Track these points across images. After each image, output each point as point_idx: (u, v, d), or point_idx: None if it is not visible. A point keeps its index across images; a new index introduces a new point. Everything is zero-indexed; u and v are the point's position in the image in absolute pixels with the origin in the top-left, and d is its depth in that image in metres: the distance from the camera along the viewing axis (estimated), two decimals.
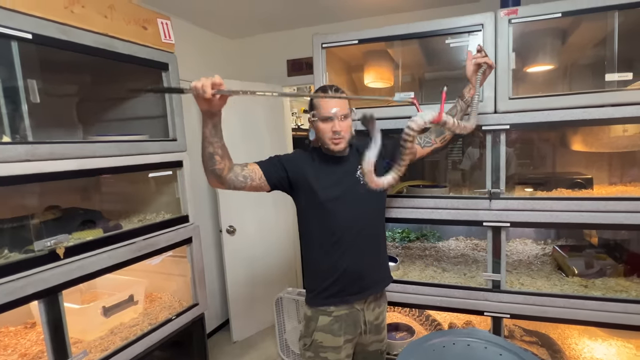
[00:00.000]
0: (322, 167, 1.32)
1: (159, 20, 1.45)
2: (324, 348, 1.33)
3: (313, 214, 1.32)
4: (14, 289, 1.03)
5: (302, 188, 1.31)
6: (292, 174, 1.30)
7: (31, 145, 1.07)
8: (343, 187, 1.30)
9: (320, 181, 1.30)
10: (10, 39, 1.03)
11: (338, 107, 1.24)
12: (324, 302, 1.33)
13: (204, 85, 0.96)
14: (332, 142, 1.27)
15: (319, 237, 1.32)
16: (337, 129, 1.24)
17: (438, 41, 1.78)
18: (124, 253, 1.34)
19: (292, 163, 1.31)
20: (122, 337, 1.41)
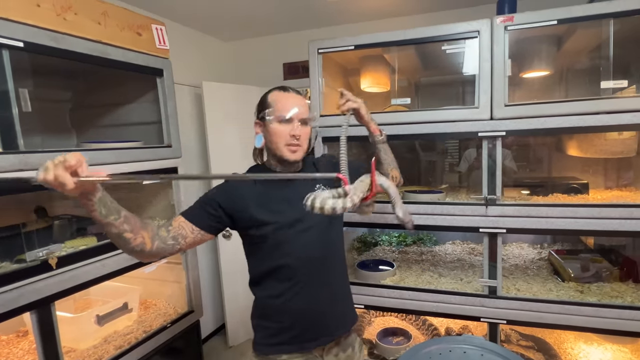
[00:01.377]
0: (268, 188, 1.08)
1: (153, 26, 1.44)
2: None
3: (260, 246, 1.08)
4: (6, 301, 1.02)
5: (243, 219, 1.06)
6: (228, 208, 1.04)
7: (23, 154, 1.06)
8: (297, 210, 1.00)
9: (266, 206, 1.06)
10: (1, 48, 1.02)
11: (299, 108, 1.05)
12: (274, 349, 1.10)
13: (57, 178, 0.68)
14: (289, 148, 1.05)
15: (268, 272, 1.08)
16: (297, 132, 1.03)
17: (434, 47, 1.79)
18: (118, 261, 1.33)
19: (226, 194, 1.06)
20: (116, 345, 1.40)
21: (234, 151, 2.66)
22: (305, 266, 1.07)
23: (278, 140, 1.05)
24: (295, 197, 1.00)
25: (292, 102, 1.06)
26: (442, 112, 1.67)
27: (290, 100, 1.06)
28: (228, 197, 1.05)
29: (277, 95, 1.08)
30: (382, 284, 1.85)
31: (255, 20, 2.62)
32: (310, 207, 0.79)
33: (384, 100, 2.22)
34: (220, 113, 2.53)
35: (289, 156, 1.06)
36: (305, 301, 1.08)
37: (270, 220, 1.05)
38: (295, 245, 1.06)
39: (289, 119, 1.04)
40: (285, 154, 1.06)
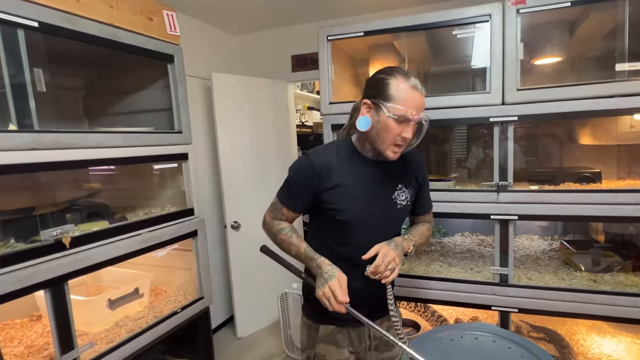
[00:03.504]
0: (357, 174, 1.04)
1: (164, 11, 1.45)
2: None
3: (332, 226, 1.07)
4: (21, 278, 1.03)
5: (331, 200, 1.03)
6: (322, 189, 1.03)
7: (37, 133, 1.07)
8: (378, 208, 1.04)
9: (352, 194, 1.03)
10: (16, 27, 1.03)
11: (420, 110, 0.96)
12: (326, 321, 1.13)
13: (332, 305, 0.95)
14: (393, 149, 0.99)
15: (330, 252, 1.05)
16: (409, 135, 0.97)
17: (445, 33, 1.77)
18: (130, 244, 1.34)
19: (319, 176, 1.03)
20: (128, 329, 1.40)
21: (243, 143, 2.66)
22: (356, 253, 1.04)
23: (387, 137, 0.98)
24: (379, 187, 1.06)
25: (419, 103, 0.96)
26: (453, 98, 1.65)
27: (417, 101, 0.96)
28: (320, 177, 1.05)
29: (405, 89, 0.95)
30: None
31: (263, 12, 2.62)
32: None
33: None
34: (229, 105, 2.54)
35: (390, 156, 1.00)
36: (360, 287, 1.04)
37: (350, 205, 1.04)
38: (364, 236, 1.05)
39: (407, 120, 0.95)
40: (387, 153, 1.00)
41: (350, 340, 1.14)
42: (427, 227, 1.21)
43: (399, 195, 1.08)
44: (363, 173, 1.05)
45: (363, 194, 1.04)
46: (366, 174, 1.05)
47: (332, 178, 1.02)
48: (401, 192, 1.09)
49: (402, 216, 1.13)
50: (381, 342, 1.18)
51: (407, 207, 1.12)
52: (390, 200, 1.07)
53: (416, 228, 1.19)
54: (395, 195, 1.08)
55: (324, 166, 1.02)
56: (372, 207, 1.04)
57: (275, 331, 2.72)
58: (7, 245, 1.07)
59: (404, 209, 1.11)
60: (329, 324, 1.12)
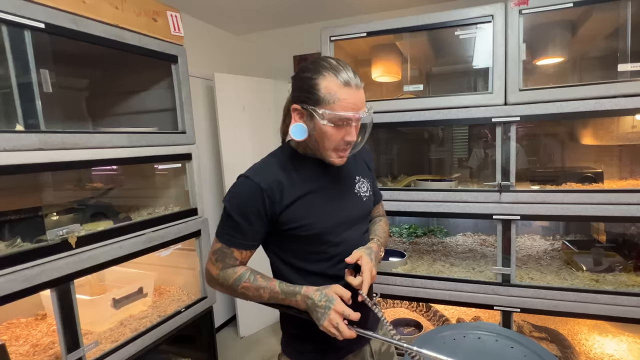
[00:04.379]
0: (313, 180, 0.92)
1: (168, 12, 1.45)
2: None
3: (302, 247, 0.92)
4: (28, 277, 1.04)
5: (293, 218, 0.88)
6: (279, 210, 0.87)
7: (43, 134, 1.07)
8: (344, 208, 0.94)
9: (314, 203, 0.90)
10: (23, 28, 1.03)
11: (361, 109, 0.83)
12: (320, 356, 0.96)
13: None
14: (338, 154, 0.87)
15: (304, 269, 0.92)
16: (353, 138, 0.85)
17: (447, 33, 1.78)
18: (134, 244, 1.35)
19: (271, 198, 0.86)
20: (132, 328, 1.41)
21: (245, 142, 2.67)
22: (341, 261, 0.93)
23: (327, 144, 0.85)
24: (338, 189, 0.95)
25: (355, 101, 0.82)
26: (455, 98, 1.66)
27: (354, 99, 0.82)
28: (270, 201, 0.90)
29: (337, 89, 0.81)
30: (393, 272, 1.85)
31: (265, 13, 2.63)
32: None
33: (394, 90, 2.22)
34: (231, 105, 2.54)
35: (336, 162, 0.88)
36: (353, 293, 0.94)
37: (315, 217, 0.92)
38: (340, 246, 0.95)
39: (349, 122, 0.83)
40: (331, 158, 0.88)
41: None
42: (386, 222, 1.12)
43: (361, 187, 0.99)
44: (317, 176, 0.92)
45: (327, 198, 0.91)
46: (321, 176, 0.92)
47: (287, 194, 0.87)
48: (362, 184, 1.00)
49: (369, 209, 1.03)
50: (381, 356, 1.07)
51: (371, 198, 1.03)
52: (354, 195, 0.97)
53: (377, 227, 1.06)
54: (357, 189, 0.98)
55: (272, 184, 0.86)
56: (340, 209, 0.92)
57: (277, 331, 2.73)
58: (14, 244, 1.07)
59: (369, 201, 1.01)
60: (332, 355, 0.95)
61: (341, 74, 0.82)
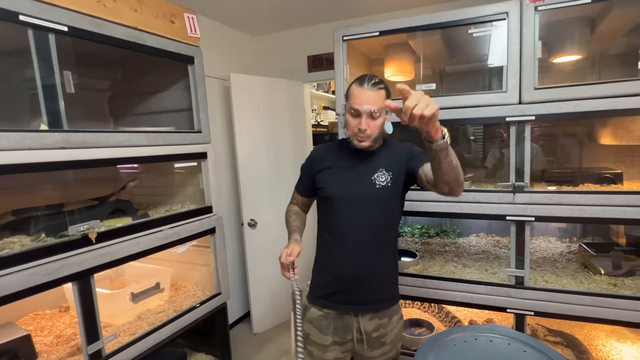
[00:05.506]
0: (343, 160, 1.25)
1: (185, 14, 1.49)
2: (310, 341, 1.26)
3: (323, 205, 1.28)
4: (51, 271, 1.08)
5: (320, 180, 1.27)
6: (315, 172, 1.28)
7: (66, 133, 1.12)
8: (355, 186, 1.21)
9: (335, 175, 1.24)
10: (47, 31, 1.08)
11: (370, 104, 1.13)
12: (315, 301, 1.27)
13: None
14: (357, 138, 1.18)
15: (323, 230, 1.27)
16: (363, 127, 1.14)
17: (460, 31, 1.76)
18: (151, 240, 1.39)
19: (314, 162, 1.30)
20: (149, 322, 1.45)
21: (260, 142, 2.70)
22: (351, 237, 1.20)
23: (349, 129, 1.20)
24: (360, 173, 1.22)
25: (363, 98, 1.14)
26: (468, 97, 1.64)
27: (363, 96, 1.14)
28: (316, 163, 1.30)
29: (355, 88, 1.17)
30: (405, 272, 1.85)
31: (280, 13, 2.65)
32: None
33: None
34: (247, 105, 2.58)
35: (356, 145, 1.20)
36: (345, 268, 1.20)
37: (333, 186, 1.24)
38: (346, 216, 1.21)
39: (358, 113, 1.15)
40: (353, 142, 1.20)
41: (335, 328, 1.23)
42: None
43: (379, 177, 1.21)
44: (346, 159, 1.25)
45: (343, 175, 1.23)
46: (348, 159, 1.25)
47: (322, 163, 1.28)
48: (381, 175, 1.21)
49: (384, 196, 1.21)
50: (370, 339, 1.23)
51: (389, 188, 1.20)
52: (369, 180, 1.21)
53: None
54: (374, 177, 1.21)
55: (318, 154, 1.32)
56: (349, 186, 1.21)
57: (287, 328, 2.76)
58: (39, 239, 1.12)
59: (384, 189, 1.20)
60: (317, 306, 1.27)
61: (362, 80, 1.16)
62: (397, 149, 1.26)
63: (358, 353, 1.26)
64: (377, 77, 1.18)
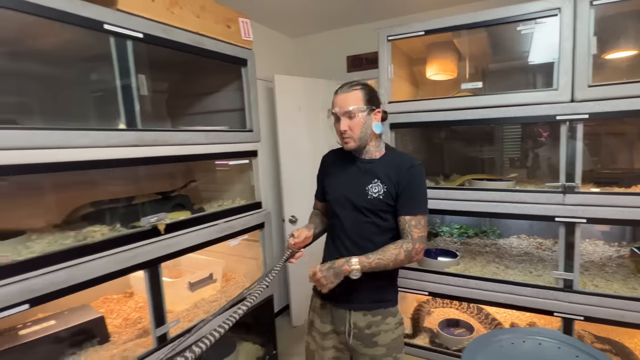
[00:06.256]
0: (345, 167, 1.32)
1: (240, 19, 1.57)
2: (313, 328, 1.36)
3: (329, 208, 1.35)
4: (126, 258, 1.18)
5: (326, 184, 1.36)
6: (323, 177, 1.39)
7: (140, 132, 1.21)
8: (350, 193, 1.26)
9: (335, 180, 1.32)
10: (126, 38, 1.18)
11: (343, 105, 1.20)
12: (317, 292, 1.36)
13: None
14: (343, 141, 1.25)
15: (328, 230, 1.37)
16: (342, 128, 1.21)
17: (508, 29, 1.74)
18: (209, 233, 1.47)
19: (322, 167, 1.42)
20: (204, 310, 1.54)
21: (301, 141, 2.78)
22: (342, 238, 1.28)
23: (338, 135, 1.27)
24: (353, 180, 1.27)
25: (337, 101, 1.23)
26: (515, 96, 1.62)
27: (337, 100, 1.23)
28: (322, 169, 1.41)
29: (333, 97, 1.27)
30: (447, 272, 1.84)
31: (320, 14, 2.70)
32: None
33: (448, 88, 2.20)
34: (289, 105, 2.66)
35: (345, 147, 1.27)
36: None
37: (330, 189, 1.33)
38: (339, 219, 1.28)
39: (338, 117, 1.22)
40: (343, 146, 1.28)
41: (332, 318, 1.31)
42: (395, 246, 1.20)
43: (372, 187, 1.24)
44: (347, 165, 1.31)
45: (342, 180, 1.30)
46: (349, 166, 1.31)
47: (328, 168, 1.38)
48: (375, 186, 1.24)
49: (374, 206, 1.24)
50: (361, 334, 1.27)
51: (379, 201, 1.23)
52: (363, 190, 1.25)
53: (384, 247, 1.22)
54: (368, 187, 1.24)
55: (326, 160, 1.42)
56: (345, 192, 1.27)
57: None
58: (114, 229, 1.23)
59: (375, 201, 1.23)
60: (318, 298, 1.36)
61: (341, 87, 1.25)
62: (397, 163, 1.26)
63: (352, 348, 1.29)
64: (355, 81, 1.26)
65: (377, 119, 1.25)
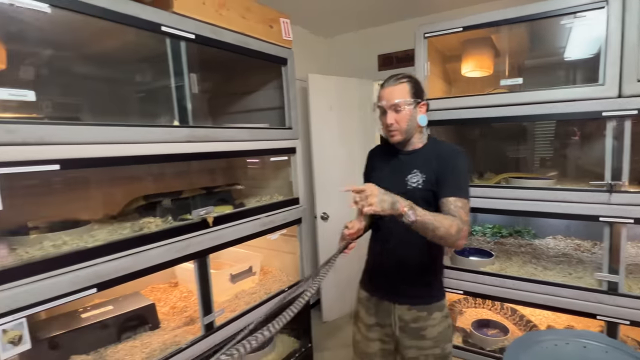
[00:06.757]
0: (387, 160, 1.33)
1: (281, 19, 1.61)
2: (359, 319, 1.38)
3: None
4: (181, 248, 1.24)
5: (372, 179, 1.33)
6: (369, 172, 1.41)
7: (192, 128, 1.27)
8: (390, 185, 1.18)
9: (379, 173, 1.33)
10: (180, 39, 1.24)
11: (390, 98, 1.19)
12: (362, 285, 1.40)
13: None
14: (389, 134, 1.25)
15: (375, 224, 1.37)
16: (389, 121, 1.20)
17: (548, 23, 1.69)
18: (252, 226, 1.53)
19: (368, 162, 1.43)
20: (245, 301, 1.59)
21: (333, 140, 2.82)
22: (387, 234, 1.29)
23: (383, 129, 1.27)
24: (394, 172, 1.28)
25: (384, 95, 1.22)
26: (558, 91, 1.57)
27: (383, 93, 1.22)
28: (368, 164, 1.42)
29: (379, 91, 1.26)
30: (482, 271, 1.82)
31: (351, 14, 2.72)
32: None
33: (482, 86, 2.17)
34: (321, 104, 2.71)
35: (391, 140, 1.28)
36: (380, 259, 1.31)
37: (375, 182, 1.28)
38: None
39: (384, 110, 1.22)
40: (389, 140, 1.28)
41: (377, 311, 1.32)
42: (445, 217, 1.12)
43: (411, 178, 1.25)
44: (387, 159, 1.33)
45: (384, 173, 1.32)
46: (389, 160, 1.33)
47: (373, 163, 1.40)
48: (414, 176, 1.25)
49: (413, 197, 1.17)
50: (407, 328, 1.27)
51: (418, 190, 1.23)
52: (402, 180, 1.26)
53: (438, 213, 1.18)
54: (408, 177, 1.25)
55: (371, 155, 1.44)
56: (387, 185, 1.19)
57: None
58: (166, 221, 1.29)
59: (415, 190, 1.23)
60: (364, 290, 1.39)
61: (385, 81, 1.25)
62: (438, 152, 1.25)
63: (398, 340, 1.30)
64: (401, 74, 1.25)
65: (422, 112, 1.25)
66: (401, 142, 1.26)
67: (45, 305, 0.92)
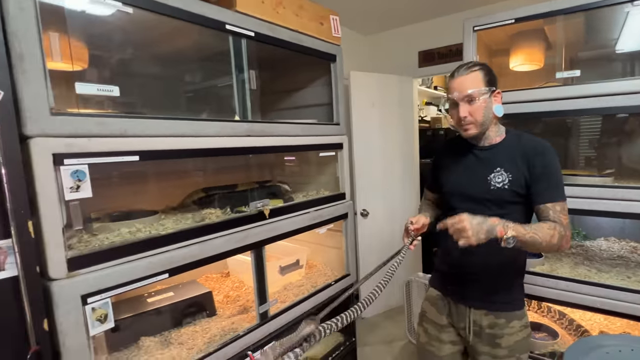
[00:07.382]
0: (461, 156, 1.24)
1: (331, 16, 1.63)
2: (427, 319, 1.31)
3: (444, 200, 1.30)
4: (240, 238, 1.29)
5: (441, 176, 1.31)
6: (437, 168, 1.34)
7: (250, 123, 1.32)
8: (470, 184, 1.19)
9: (452, 171, 1.25)
10: (241, 37, 1.28)
11: (462, 89, 1.11)
12: (434, 284, 1.34)
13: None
14: (462, 128, 1.15)
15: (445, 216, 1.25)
16: (462, 114, 1.11)
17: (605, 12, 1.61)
18: (303, 220, 1.56)
19: (436, 158, 1.38)
20: (294, 293, 1.63)
21: (373, 137, 2.83)
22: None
23: (455, 123, 1.19)
24: (472, 170, 1.20)
25: (454, 86, 1.14)
26: (618, 84, 1.50)
27: (454, 84, 1.14)
28: (436, 161, 1.37)
29: (449, 81, 1.18)
30: (533, 271, 1.77)
31: (392, 12, 2.72)
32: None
33: (531, 80, 2.09)
34: (363, 101, 2.73)
35: (464, 135, 1.19)
36: (456, 260, 1.22)
37: (447, 182, 1.27)
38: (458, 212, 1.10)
39: (455, 102, 1.14)
40: (462, 134, 1.19)
41: (450, 312, 1.26)
42: (549, 226, 1.06)
43: (495, 177, 1.15)
44: (461, 156, 1.24)
45: (460, 171, 1.23)
46: (466, 155, 1.23)
47: (442, 159, 1.32)
48: (498, 175, 1.15)
49: (498, 198, 1.15)
50: (482, 333, 1.19)
51: (504, 191, 1.14)
52: (484, 180, 1.16)
53: (536, 223, 1.10)
54: (490, 177, 1.16)
55: (439, 152, 1.37)
56: (464, 183, 1.20)
57: (393, 316, 2.84)
58: (225, 213, 1.34)
59: (500, 191, 1.14)
60: (434, 289, 1.33)
61: (454, 71, 1.16)
62: (523, 149, 1.15)
63: (470, 345, 1.23)
64: (471, 62, 1.17)
65: (497, 101, 1.14)
66: (476, 136, 1.16)
67: (125, 288, 0.99)
